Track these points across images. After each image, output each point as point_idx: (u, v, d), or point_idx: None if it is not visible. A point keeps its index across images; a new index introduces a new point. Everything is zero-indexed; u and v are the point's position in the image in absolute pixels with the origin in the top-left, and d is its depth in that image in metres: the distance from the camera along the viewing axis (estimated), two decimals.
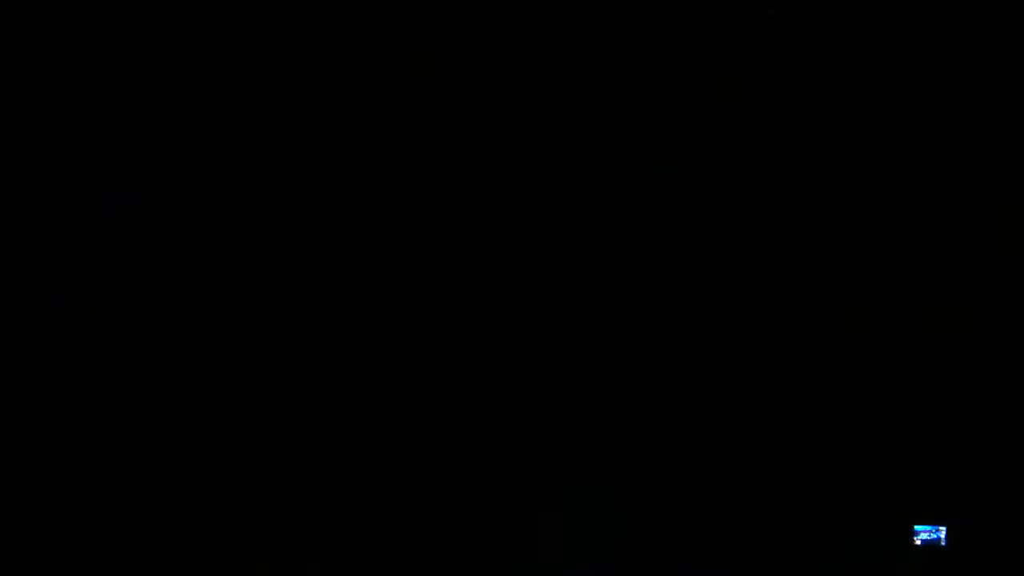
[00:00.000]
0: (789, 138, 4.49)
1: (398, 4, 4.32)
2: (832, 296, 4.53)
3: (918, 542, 4.39)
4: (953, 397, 4.48)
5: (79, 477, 4.16)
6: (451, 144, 4.45)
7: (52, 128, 4.25)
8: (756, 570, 4.40)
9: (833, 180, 4.48)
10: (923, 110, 4.42)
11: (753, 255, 4.51)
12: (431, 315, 4.51)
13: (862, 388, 4.49)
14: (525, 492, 4.42)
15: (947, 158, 4.43)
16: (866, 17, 4.38)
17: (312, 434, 4.37)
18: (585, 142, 4.47)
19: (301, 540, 4.28)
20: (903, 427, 4.43)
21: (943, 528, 4.39)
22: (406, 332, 4.48)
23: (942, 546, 4.37)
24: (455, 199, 4.49)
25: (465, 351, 4.48)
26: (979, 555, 4.36)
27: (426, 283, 4.48)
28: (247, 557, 4.24)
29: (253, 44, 4.31)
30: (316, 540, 4.29)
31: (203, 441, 4.28)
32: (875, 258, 4.49)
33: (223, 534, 4.24)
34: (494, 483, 4.42)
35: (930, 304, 4.45)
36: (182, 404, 4.31)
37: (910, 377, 4.50)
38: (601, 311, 4.53)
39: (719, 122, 4.46)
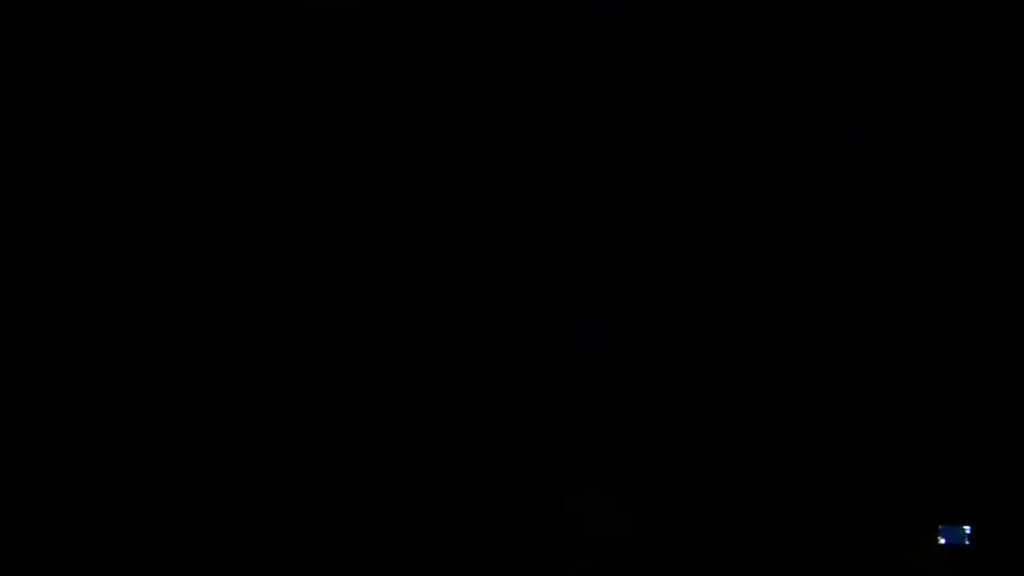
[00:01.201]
0: None
1: None
2: (851, 292, 4.40)
3: (942, 541, 4.21)
4: (978, 392, 4.33)
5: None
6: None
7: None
8: (770, 572, 4.27)
9: None
10: None
11: (757, 252, 4.40)
12: (430, 313, 4.46)
13: (882, 381, 4.36)
14: (525, 493, 4.34)
15: None
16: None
17: (304, 434, 4.32)
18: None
19: (299, 543, 4.23)
20: (925, 423, 4.28)
21: (968, 528, 4.21)
22: (405, 331, 4.43)
23: (967, 547, 4.19)
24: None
25: (466, 349, 4.42)
26: (1008, 557, 4.18)
27: (428, 281, 4.44)
28: (243, 558, 4.20)
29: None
30: (311, 543, 4.24)
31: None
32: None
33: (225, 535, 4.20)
34: (492, 484, 4.34)
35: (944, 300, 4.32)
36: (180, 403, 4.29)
37: (930, 372, 4.37)
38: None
39: None
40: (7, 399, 4.18)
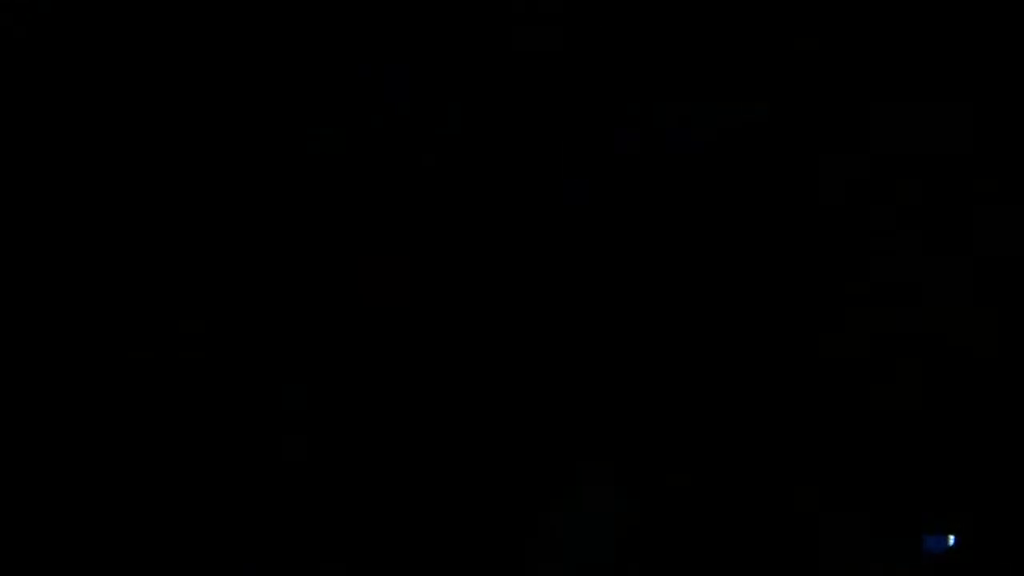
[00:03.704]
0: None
1: None
2: (835, 288, 4.44)
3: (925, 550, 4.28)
4: (967, 395, 4.39)
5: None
6: None
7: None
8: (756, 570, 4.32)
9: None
10: None
11: (758, 242, 4.42)
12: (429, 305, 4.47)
13: (866, 380, 4.41)
14: (525, 487, 4.35)
15: None
16: None
17: (309, 429, 4.32)
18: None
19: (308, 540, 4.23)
20: (910, 425, 4.33)
21: (952, 536, 4.27)
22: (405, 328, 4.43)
23: (951, 555, 4.25)
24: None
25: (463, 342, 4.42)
26: (991, 565, 4.26)
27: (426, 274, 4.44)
28: (244, 555, 4.20)
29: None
30: (317, 538, 4.24)
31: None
32: (876, 257, 4.40)
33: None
34: (492, 478, 4.35)
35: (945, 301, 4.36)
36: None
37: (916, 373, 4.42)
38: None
39: None
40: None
